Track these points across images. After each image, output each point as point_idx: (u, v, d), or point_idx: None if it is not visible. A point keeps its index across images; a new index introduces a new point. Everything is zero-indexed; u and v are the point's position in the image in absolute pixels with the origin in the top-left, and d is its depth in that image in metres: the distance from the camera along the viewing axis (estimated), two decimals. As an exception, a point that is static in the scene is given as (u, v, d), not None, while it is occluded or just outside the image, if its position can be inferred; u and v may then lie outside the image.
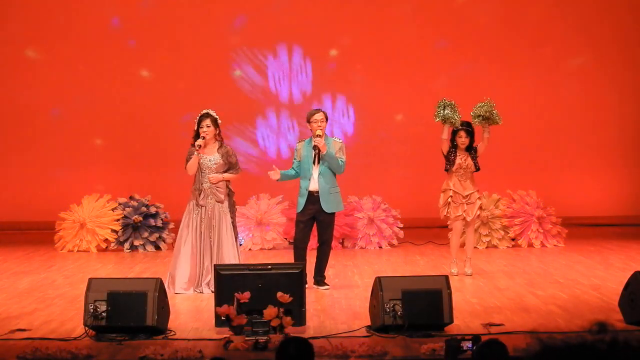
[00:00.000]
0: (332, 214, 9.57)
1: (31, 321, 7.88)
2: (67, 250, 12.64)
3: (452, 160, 10.22)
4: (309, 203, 9.47)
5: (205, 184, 9.46)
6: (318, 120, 9.54)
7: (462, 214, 10.21)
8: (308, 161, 9.52)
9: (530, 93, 14.95)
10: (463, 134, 10.26)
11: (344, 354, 6.61)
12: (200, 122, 9.46)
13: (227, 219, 9.45)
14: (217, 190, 9.46)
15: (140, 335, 7.17)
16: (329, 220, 9.55)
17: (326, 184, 9.48)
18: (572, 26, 14.96)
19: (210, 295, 8.63)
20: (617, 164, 15.08)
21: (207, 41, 14.85)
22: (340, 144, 9.66)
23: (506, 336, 6.74)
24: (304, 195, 9.49)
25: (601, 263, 11.11)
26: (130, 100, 14.79)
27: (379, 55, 14.96)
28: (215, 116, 9.53)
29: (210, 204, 9.45)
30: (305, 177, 9.52)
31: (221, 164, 9.50)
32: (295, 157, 9.67)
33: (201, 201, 9.44)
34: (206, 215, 9.43)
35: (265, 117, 14.98)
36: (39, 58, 14.80)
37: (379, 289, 7.31)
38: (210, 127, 9.45)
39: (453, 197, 10.22)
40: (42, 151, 14.82)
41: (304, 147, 9.61)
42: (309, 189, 9.47)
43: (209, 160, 9.48)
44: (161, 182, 14.24)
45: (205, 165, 9.48)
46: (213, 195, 9.46)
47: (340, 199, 9.68)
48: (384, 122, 14.90)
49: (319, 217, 9.51)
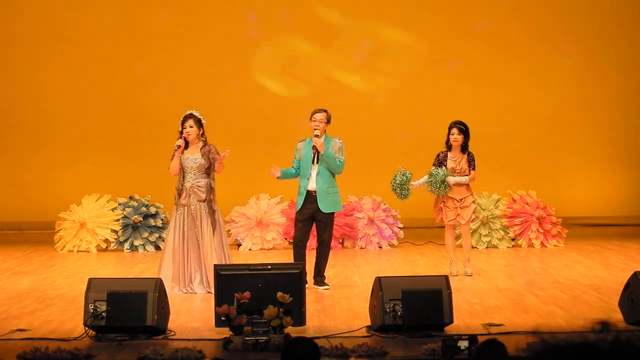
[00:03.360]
0: (331, 214, 9.57)
1: (31, 321, 7.88)
2: (67, 250, 12.63)
3: (443, 164, 10.09)
4: (307, 202, 9.49)
5: (187, 183, 9.48)
6: (317, 119, 9.56)
7: (456, 218, 10.16)
8: (307, 160, 9.54)
9: (530, 93, 14.93)
10: (456, 131, 10.13)
11: (344, 354, 6.61)
12: (183, 123, 9.53)
13: (209, 218, 9.44)
14: (199, 189, 9.47)
15: (140, 336, 7.17)
16: (327, 220, 9.55)
17: (324, 183, 9.49)
18: (572, 26, 14.95)
19: (210, 295, 8.63)
20: (617, 164, 15.07)
21: (209, 41, 14.84)
22: (340, 144, 9.67)
23: (506, 336, 6.74)
24: (303, 195, 9.52)
25: (601, 263, 11.10)
26: (131, 100, 14.77)
27: (378, 54, 14.95)
28: (199, 116, 9.57)
29: (193, 203, 9.47)
30: (304, 177, 9.54)
31: (202, 163, 9.50)
32: (296, 156, 9.68)
33: (183, 200, 9.47)
34: (189, 214, 9.45)
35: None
36: (38, 58, 14.78)
37: (379, 289, 7.31)
38: (193, 128, 9.49)
39: (446, 202, 10.15)
40: (42, 151, 14.81)
41: (304, 146, 9.62)
42: (307, 188, 9.49)
43: (191, 160, 9.50)
44: (161, 182, 14.20)
45: (187, 165, 9.51)
46: (195, 195, 9.47)
47: (339, 199, 9.68)
48: (384, 122, 14.89)
49: (317, 217, 9.52)
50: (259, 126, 14.72)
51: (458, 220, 10.16)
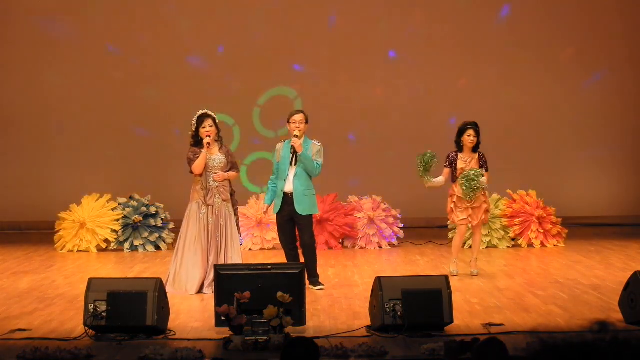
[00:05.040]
0: (308, 216, 9.56)
1: (31, 321, 7.88)
2: (67, 250, 12.63)
3: (454, 164, 10.05)
4: (285, 204, 9.48)
5: (212, 183, 9.46)
6: (297, 121, 9.54)
7: (468, 218, 10.13)
8: (285, 162, 9.53)
9: (530, 93, 14.93)
10: (472, 133, 10.03)
11: (344, 354, 6.61)
12: (202, 122, 9.47)
13: (233, 219, 9.47)
14: (224, 189, 9.48)
15: (140, 335, 7.17)
16: (305, 222, 9.53)
17: (301, 185, 9.47)
18: (572, 26, 14.94)
19: (210, 295, 8.63)
20: (617, 164, 15.08)
21: (209, 41, 14.85)
22: (318, 147, 9.61)
23: (506, 336, 6.74)
24: (280, 197, 9.50)
25: (601, 263, 11.10)
26: (131, 100, 14.77)
27: (377, 55, 14.95)
28: (215, 116, 9.56)
29: (218, 203, 9.45)
30: (282, 178, 9.52)
31: (226, 164, 9.53)
32: (275, 158, 9.68)
33: (209, 200, 9.43)
34: (213, 214, 9.42)
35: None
36: (38, 58, 14.78)
37: (379, 289, 7.31)
38: (212, 127, 9.49)
39: (457, 203, 10.12)
40: (42, 151, 14.82)
41: (283, 147, 9.62)
42: (284, 190, 9.47)
43: (215, 160, 9.49)
44: (161, 182, 14.23)
45: (211, 165, 9.49)
46: (220, 195, 9.46)
47: (315, 201, 9.64)
48: (384, 122, 14.89)
49: (295, 219, 9.51)
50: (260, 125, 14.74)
51: (470, 221, 10.12)
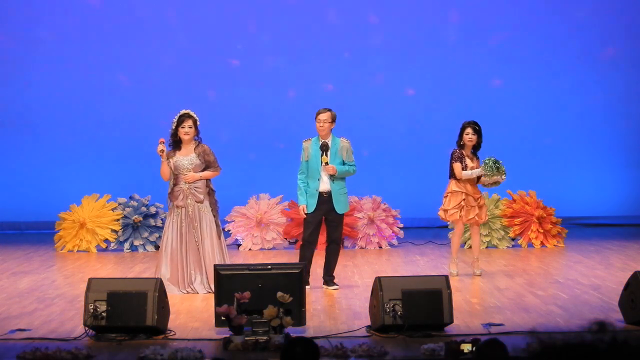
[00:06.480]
0: (343, 214, 9.52)
1: (31, 321, 7.88)
2: (67, 250, 12.64)
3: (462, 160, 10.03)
4: (320, 203, 9.32)
5: (184, 185, 9.40)
6: (322, 120, 9.35)
7: (475, 217, 10.10)
8: (316, 161, 9.33)
9: (531, 93, 14.94)
10: (470, 131, 10.04)
11: (344, 354, 6.61)
12: (182, 123, 9.37)
13: (208, 218, 9.38)
14: (196, 190, 9.39)
15: (140, 335, 7.16)
16: (339, 220, 9.45)
17: (337, 185, 9.36)
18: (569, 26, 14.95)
19: (210, 295, 8.63)
20: (617, 164, 15.08)
21: (209, 41, 14.85)
22: (347, 145, 9.45)
23: (506, 336, 6.74)
24: (315, 196, 9.33)
25: (601, 263, 11.10)
26: (131, 100, 14.78)
27: (377, 56, 14.96)
28: (196, 117, 9.44)
29: (191, 204, 9.39)
30: (314, 178, 9.34)
31: (198, 164, 9.40)
32: (302, 156, 9.45)
33: (180, 202, 9.37)
34: (187, 216, 9.37)
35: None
36: (38, 58, 14.78)
37: (379, 289, 7.31)
38: (191, 129, 9.38)
39: (466, 200, 10.09)
40: (42, 151, 14.82)
41: (311, 145, 9.40)
42: (319, 189, 9.32)
43: (186, 161, 9.40)
44: (161, 183, 14.19)
45: (182, 167, 9.38)
46: (192, 196, 9.39)
47: (347, 199, 9.64)
48: (384, 122, 14.89)
49: (329, 217, 9.40)
50: (259, 125, 14.72)
51: (476, 219, 10.10)
